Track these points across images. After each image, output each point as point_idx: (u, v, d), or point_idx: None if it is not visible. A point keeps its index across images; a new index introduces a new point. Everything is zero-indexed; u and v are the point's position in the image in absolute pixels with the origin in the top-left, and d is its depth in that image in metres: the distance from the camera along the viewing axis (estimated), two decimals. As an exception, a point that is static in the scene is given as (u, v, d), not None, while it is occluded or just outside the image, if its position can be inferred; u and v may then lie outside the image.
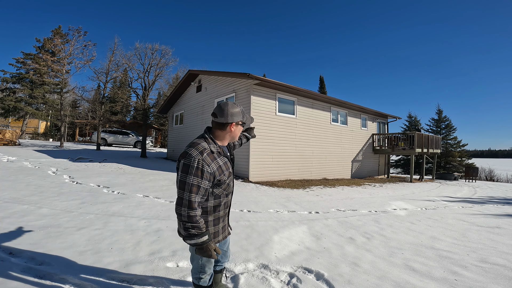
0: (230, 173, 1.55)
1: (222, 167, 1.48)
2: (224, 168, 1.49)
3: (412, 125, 23.80)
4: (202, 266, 1.58)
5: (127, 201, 4.62)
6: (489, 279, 2.32)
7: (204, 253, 1.39)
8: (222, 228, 1.61)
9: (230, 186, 1.59)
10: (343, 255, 2.79)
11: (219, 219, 1.57)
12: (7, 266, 2.11)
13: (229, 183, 1.57)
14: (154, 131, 27.94)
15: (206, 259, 1.56)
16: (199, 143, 1.44)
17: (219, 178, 1.45)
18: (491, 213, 5.53)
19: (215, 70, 10.09)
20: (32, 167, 7.52)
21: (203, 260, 1.56)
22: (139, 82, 14.08)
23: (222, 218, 1.60)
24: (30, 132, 24.49)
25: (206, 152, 1.41)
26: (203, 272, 1.59)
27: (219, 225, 1.58)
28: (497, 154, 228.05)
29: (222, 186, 1.51)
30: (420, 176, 14.23)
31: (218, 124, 1.51)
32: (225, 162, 1.52)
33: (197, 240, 1.36)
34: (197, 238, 1.36)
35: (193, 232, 1.35)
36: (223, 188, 1.53)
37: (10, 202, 4.04)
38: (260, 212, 4.55)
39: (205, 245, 1.38)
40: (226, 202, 1.59)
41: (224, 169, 1.49)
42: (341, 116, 11.97)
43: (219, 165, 1.46)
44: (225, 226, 1.64)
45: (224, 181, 1.50)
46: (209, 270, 1.60)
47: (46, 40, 19.71)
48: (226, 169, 1.51)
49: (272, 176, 8.82)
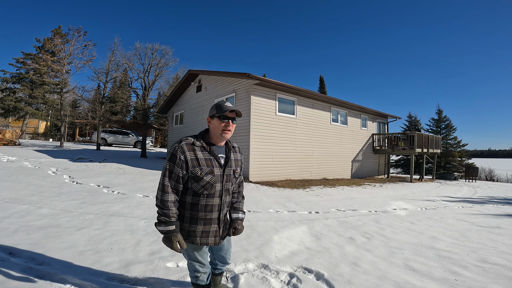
0: (212, 171, 1.47)
1: (200, 160, 1.46)
2: (203, 162, 1.46)
3: (412, 125, 23.80)
4: (193, 265, 1.59)
5: (127, 201, 4.62)
6: (489, 279, 2.32)
7: (168, 243, 1.43)
8: (202, 233, 1.51)
9: (212, 187, 1.49)
10: (343, 255, 2.79)
11: (197, 219, 1.50)
12: (7, 266, 2.11)
13: (212, 183, 1.48)
14: (154, 131, 27.94)
15: (194, 258, 1.56)
16: (187, 136, 1.52)
17: (192, 169, 1.44)
18: (491, 213, 5.52)
19: (215, 70, 10.09)
20: (32, 167, 7.52)
21: (191, 258, 1.57)
22: (139, 82, 14.11)
23: (202, 220, 1.51)
24: (30, 132, 24.49)
25: (185, 141, 1.47)
26: (196, 271, 1.59)
27: (197, 226, 1.50)
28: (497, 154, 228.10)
29: (200, 183, 1.46)
30: (420, 176, 14.23)
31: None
32: (208, 159, 1.49)
33: (163, 228, 1.42)
34: (164, 226, 1.41)
35: (161, 219, 1.42)
36: (202, 185, 1.47)
37: (10, 202, 4.04)
38: (260, 212, 4.55)
39: (170, 235, 1.42)
40: (208, 204, 1.50)
41: (202, 164, 1.46)
42: (341, 116, 11.97)
43: (196, 157, 1.46)
44: (208, 232, 1.53)
45: (201, 177, 1.45)
46: (201, 268, 1.60)
47: (46, 40, 19.72)
48: (206, 165, 1.47)
49: (272, 176, 8.82)
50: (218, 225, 1.57)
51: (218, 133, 1.51)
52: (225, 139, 1.55)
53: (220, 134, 1.50)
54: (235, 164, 1.62)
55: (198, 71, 11.23)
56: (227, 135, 1.52)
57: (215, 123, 1.51)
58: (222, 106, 1.50)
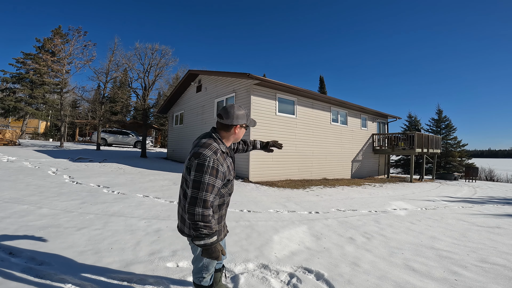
0: (234, 172, 1.62)
1: (229, 167, 1.54)
2: (231, 168, 1.55)
3: (412, 125, 23.80)
4: (206, 266, 1.60)
5: (127, 201, 4.61)
6: (489, 279, 2.32)
7: (212, 254, 1.38)
8: (223, 227, 1.65)
9: (233, 186, 1.64)
10: (343, 255, 2.79)
11: (221, 217, 1.61)
12: (7, 266, 2.11)
13: (232, 183, 1.63)
14: (154, 131, 27.93)
15: (209, 260, 1.57)
16: (211, 143, 1.45)
17: (228, 177, 1.50)
18: (491, 213, 5.52)
19: (215, 70, 10.09)
20: (32, 167, 7.52)
21: (207, 259, 1.57)
22: (139, 82, 14.07)
23: (223, 216, 1.64)
24: (30, 132, 24.48)
25: (219, 152, 1.45)
26: (206, 271, 1.61)
27: (221, 224, 1.61)
28: (497, 154, 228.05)
29: (228, 185, 1.56)
30: (420, 176, 14.23)
31: (223, 125, 1.53)
32: (231, 162, 1.58)
33: (207, 241, 1.35)
34: (208, 239, 1.35)
35: (204, 232, 1.34)
36: (228, 187, 1.58)
37: (10, 202, 4.04)
38: (260, 212, 4.55)
39: (213, 246, 1.38)
40: (228, 201, 1.64)
41: (231, 169, 1.56)
42: (341, 116, 11.97)
43: (227, 165, 1.51)
44: (224, 224, 1.68)
45: (231, 181, 1.57)
46: (212, 269, 1.63)
47: (46, 40, 19.73)
48: (232, 169, 1.58)
49: (272, 176, 8.82)
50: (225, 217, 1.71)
51: (238, 139, 1.63)
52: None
53: (238, 140, 1.65)
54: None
55: (198, 71, 11.22)
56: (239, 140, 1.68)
57: (242, 131, 1.61)
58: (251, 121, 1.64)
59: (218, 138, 1.51)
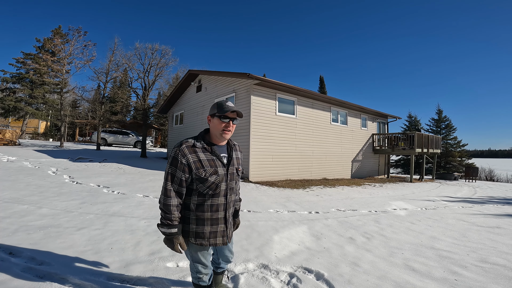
0: (215, 171, 1.47)
1: (203, 162, 1.46)
2: (206, 163, 1.46)
3: (412, 125, 23.80)
4: (196, 266, 1.59)
5: (127, 201, 4.61)
6: (489, 279, 2.32)
7: (169, 244, 1.45)
8: (210, 234, 1.51)
9: (218, 187, 1.49)
10: (343, 255, 2.79)
11: (203, 220, 1.50)
12: (7, 266, 2.11)
13: (217, 184, 1.49)
14: (154, 131, 27.94)
15: (197, 259, 1.57)
16: (187, 138, 1.52)
17: (195, 171, 1.44)
18: (491, 213, 5.52)
19: (215, 70, 10.09)
20: (32, 167, 7.52)
21: (194, 259, 1.57)
22: (139, 82, 14.09)
23: (209, 221, 1.51)
24: (30, 132, 24.49)
25: (185, 144, 1.47)
26: (199, 272, 1.59)
27: (204, 227, 1.50)
28: (497, 154, 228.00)
29: (205, 183, 1.46)
30: (420, 176, 14.23)
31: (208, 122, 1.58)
32: (211, 159, 1.49)
33: (166, 230, 1.43)
34: (166, 228, 1.43)
35: (163, 222, 1.44)
36: (207, 186, 1.47)
37: (10, 202, 4.04)
38: (260, 212, 4.55)
39: (171, 237, 1.44)
40: (213, 204, 1.51)
41: (206, 165, 1.46)
42: (341, 116, 11.97)
43: (198, 159, 1.46)
44: (216, 232, 1.53)
45: (206, 178, 1.45)
46: (204, 269, 1.59)
47: (46, 40, 19.72)
48: (209, 166, 1.46)
49: (272, 176, 8.82)
50: (225, 225, 1.57)
51: (218, 133, 1.50)
52: (225, 139, 1.54)
53: (220, 134, 1.50)
54: (237, 162, 1.63)
55: (198, 71, 11.23)
56: (227, 135, 1.51)
57: (215, 123, 1.50)
58: (224, 105, 1.48)
59: (200, 135, 1.55)
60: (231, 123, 1.50)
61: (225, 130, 1.49)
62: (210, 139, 1.55)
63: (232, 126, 1.51)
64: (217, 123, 1.49)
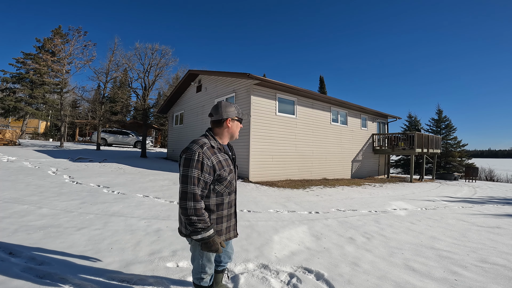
0: (231, 170, 1.57)
1: (222, 162, 1.51)
2: (224, 164, 1.52)
3: (412, 125, 23.80)
4: (203, 266, 1.58)
5: (127, 201, 4.61)
6: (489, 279, 2.32)
7: (211, 248, 1.40)
8: (226, 229, 1.60)
9: (232, 185, 1.59)
10: (343, 255, 2.79)
11: (222, 218, 1.57)
12: (7, 266, 2.11)
13: (231, 181, 1.58)
14: (154, 131, 27.93)
15: (206, 259, 1.56)
16: (200, 139, 1.51)
17: (219, 172, 1.48)
18: (491, 213, 5.52)
19: (215, 70, 10.09)
20: (32, 167, 7.52)
21: (203, 260, 1.56)
22: (139, 82, 14.09)
23: (226, 217, 1.59)
24: (30, 132, 24.48)
25: (206, 146, 1.46)
26: (204, 272, 1.59)
27: (222, 225, 1.57)
28: (497, 154, 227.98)
29: (224, 183, 1.52)
30: (420, 176, 14.23)
31: (215, 122, 1.58)
32: (225, 159, 1.55)
33: (204, 235, 1.38)
34: (204, 232, 1.38)
35: (199, 226, 1.37)
36: (225, 185, 1.53)
37: (10, 202, 4.04)
38: (260, 212, 4.55)
39: (211, 239, 1.40)
40: (229, 201, 1.60)
41: (225, 165, 1.52)
42: (341, 116, 11.97)
43: (218, 160, 1.49)
44: (230, 227, 1.63)
45: (225, 177, 1.52)
46: (209, 270, 1.60)
47: (46, 40, 19.72)
48: (226, 165, 1.54)
49: (272, 176, 8.81)
50: (235, 219, 1.69)
51: (235, 135, 1.64)
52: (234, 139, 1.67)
53: (235, 136, 1.64)
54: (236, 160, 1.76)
55: (198, 71, 11.22)
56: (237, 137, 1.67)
57: (236, 125, 1.62)
58: (240, 110, 1.64)
59: (210, 135, 1.56)
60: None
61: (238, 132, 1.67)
62: (219, 139, 1.60)
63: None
64: (236, 126, 1.63)
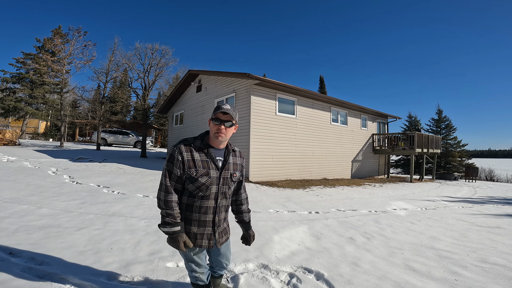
0: (207, 173, 1.47)
1: (196, 161, 1.46)
2: (199, 164, 1.46)
3: (412, 125, 23.79)
4: (189, 266, 1.59)
5: (127, 201, 4.61)
6: (489, 279, 2.32)
7: (173, 244, 1.44)
8: (198, 235, 1.51)
9: (207, 189, 1.48)
10: (343, 255, 2.79)
11: (191, 221, 1.51)
12: (7, 266, 2.11)
13: (208, 186, 1.48)
14: (154, 131, 27.93)
15: (190, 258, 1.56)
16: (187, 138, 1.56)
17: (188, 170, 1.45)
18: (491, 213, 5.52)
19: (215, 70, 10.09)
20: (32, 167, 7.52)
21: (188, 258, 1.57)
22: (139, 82, 14.09)
23: (195, 222, 1.51)
24: (30, 132, 24.48)
25: (183, 142, 1.50)
26: (193, 271, 1.60)
27: (191, 228, 1.51)
28: (497, 154, 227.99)
29: (195, 183, 1.46)
30: (420, 176, 14.23)
31: None
32: (205, 160, 1.48)
33: (169, 229, 1.42)
34: (169, 227, 1.42)
35: (166, 220, 1.42)
36: (197, 186, 1.47)
37: (10, 202, 4.04)
38: (260, 212, 4.55)
39: (176, 236, 1.43)
40: (201, 206, 1.50)
41: (199, 165, 1.46)
42: (341, 116, 11.97)
43: (192, 158, 1.46)
44: (203, 235, 1.53)
45: (197, 178, 1.45)
46: (198, 268, 1.60)
47: (46, 40, 19.71)
48: (202, 166, 1.46)
49: (272, 176, 8.82)
50: (212, 228, 1.55)
51: (213, 135, 1.51)
52: (220, 142, 1.53)
53: (215, 137, 1.50)
54: (234, 168, 1.59)
55: (198, 71, 11.23)
56: (220, 138, 1.49)
57: (211, 125, 1.52)
58: (217, 108, 1.49)
59: (200, 136, 1.57)
60: (223, 126, 1.47)
61: (218, 133, 1.48)
62: (209, 141, 1.56)
63: (225, 129, 1.48)
64: (212, 126, 1.52)
